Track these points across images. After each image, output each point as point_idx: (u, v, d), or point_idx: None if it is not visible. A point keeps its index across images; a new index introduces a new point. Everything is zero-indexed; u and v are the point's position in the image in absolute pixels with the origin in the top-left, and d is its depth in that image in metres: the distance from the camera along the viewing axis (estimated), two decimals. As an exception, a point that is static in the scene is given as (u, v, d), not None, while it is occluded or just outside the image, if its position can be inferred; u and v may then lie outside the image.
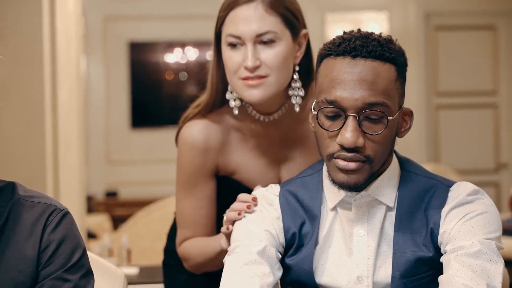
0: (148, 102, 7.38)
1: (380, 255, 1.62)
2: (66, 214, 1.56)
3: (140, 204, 6.31)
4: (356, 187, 1.59)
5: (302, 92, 1.93)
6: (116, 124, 7.26)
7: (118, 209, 6.89)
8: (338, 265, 1.64)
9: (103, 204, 6.98)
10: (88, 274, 1.55)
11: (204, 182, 1.98)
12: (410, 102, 6.78)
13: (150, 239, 4.86)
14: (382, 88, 1.55)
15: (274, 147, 2.00)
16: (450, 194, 1.63)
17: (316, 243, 1.66)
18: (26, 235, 1.52)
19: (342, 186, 1.59)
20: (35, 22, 3.23)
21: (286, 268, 1.67)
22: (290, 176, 1.86)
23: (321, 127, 1.59)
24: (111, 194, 7.16)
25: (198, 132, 1.97)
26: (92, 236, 5.35)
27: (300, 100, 1.93)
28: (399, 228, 1.61)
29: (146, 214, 5.08)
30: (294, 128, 2.00)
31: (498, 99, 7.12)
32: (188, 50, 7.29)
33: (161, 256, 2.23)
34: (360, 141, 1.55)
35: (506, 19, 7.10)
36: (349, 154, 1.56)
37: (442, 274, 1.53)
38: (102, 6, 7.20)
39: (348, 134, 1.54)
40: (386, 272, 1.60)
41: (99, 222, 5.88)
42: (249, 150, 2.00)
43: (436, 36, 7.08)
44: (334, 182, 1.61)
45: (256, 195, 1.74)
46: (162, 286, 2.23)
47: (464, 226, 1.56)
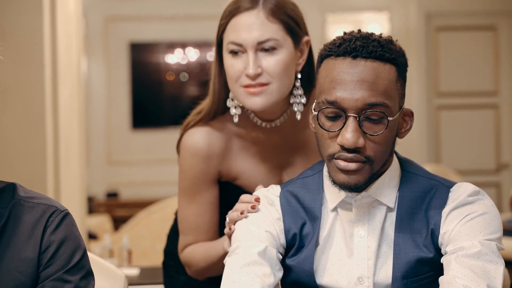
0: (148, 102, 7.37)
1: (381, 256, 1.62)
2: (66, 215, 1.56)
3: (141, 204, 6.31)
4: (356, 188, 1.59)
5: (304, 99, 1.93)
6: (116, 124, 7.26)
7: (118, 209, 6.89)
8: (339, 265, 1.64)
9: (104, 204, 6.98)
10: (89, 275, 1.55)
11: (207, 189, 1.98)
12: (411, 103, 6.78)
13: (151, 239, 4.85)
14: (383, 88, 1.55)
15: (276, 153, 2.00)
16: (450, 195, 1.63)
17: (316, 243, 1.66)
18: (27, 236, 1.52)
19: (342, 186, 1.59)
20: (36, 23, 3.23)
21: (287, 268, 1.67)
22: None
23: (321, 127, 1.59)
24: (111, 195, 7.16)
25: (200, 139, 1.96)
26: (92, 237, 5.35)
27: (302, 108, 1.93)
28: (399, 228, 1.61)
29: (147, 215, 5.08)
30: (296, 134, 2.00)
31: (499, 100, 7.12)
32: (189, 50, 7.29)
33: (161, 257, 2.23)
34: (361, 141, 1.55)
35: (506, 19, 7.10)
36: (349, 155, 1.56)
37: (443, 275, 1.54)
38: (102, 6, 7.20)
39: (349, 134, 1.54)
40: (386, 273, 1.60)
41: (99, 222, 5.88)
42: (251, 156, 2.00)
43: (437, 36, 7.08)
44: (334, 182, 1.61)
45: (257, 195, 1.74)
46: (163, 287, 2.23)
47: (464, 227, 1.56)
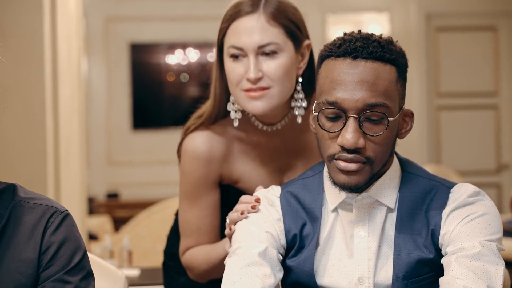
0: (149, 103, 7.37)
1: (381, 257, 1.62)
2: (66, 216, 1.56)
3: (142, 205, 6.30)
4: (356, 188, 1.59)
5: (305, 103, 1.93)
6: (117, 125, 7.26)
7: (119, 210, 6.89)
8: (339, 266, 1.64)
9: (104, 205, 6.98)
10: (89, 276, 1.55)
11: (208, 192, 1.98)
12: (411, 103, 6.78)
13: (152, 240, 4.85)
14: (383, 89, 1.55)
15: (276, 156, 2.00)
16: (451, 195, 1.63)
17: (317, 244, 1.66)
18: (27, 237, 1.52)
19: (342, 187, 1.59)
20: (36, 23, 3.23)
21: (287, 269, 1.67)
22: None
23: (321, 128, 1.59)
24: (112, 196, 7.16)
25: (201, 143, 1.96)
26: (93, 237, 5.35)
27: (302, 112, 1.93)
28: (400, 229, 1.61)
29: (147, 215, 5.07)
30: (297, 138, 2.00)
31: (499, 100, 7.11)
32: (189, 51, 7.29)
33: (162, 258, 2.23)
34: (361, 142, 1.55)
35: (507, 20, 7.09)
36: (349, 155, 1.56)
37: (443, 276, 1.54)
38: (103, 7, 7.20)
39: (349, 135, 1.54)
40: (387, 274, 1.60)
41: (100, 223, 5.88)
42: (252, 160, 1.99)
43: (437, 37, 7.08)
44: (334, 183, 1.61)
45: (258, 196, 1.74)
46: (163, 288, 2.23)
47: (465, 228, 1.56)
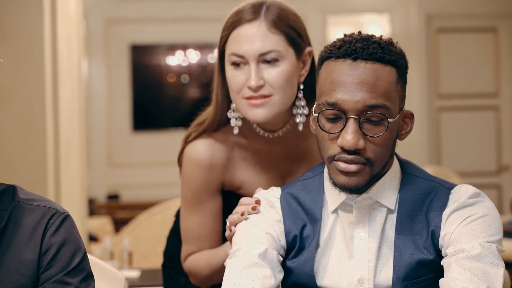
0: (149, 104, 7.37)
1: (381, 258, 1.62)
2: (66, 217, 1.56)
3: (142, 206, 6.31)
4: (357, 190, 1.59)
5: (307, 110, 1.92)
6: (117, 126, 7.26)
7: (119, 211, 6.89)
8: (339, 267, 1.63)
9: (105, 206, 6.98)
10: (89, 277, 1.55)
11: (210, 199, 1.98)
12: (412, 104, 6.78)
13: (152, 241, 4.85)
14: (383, 90, 1.55)
15: (278, 162, 2.00)
16: (451, 196, 1.63)
17: (317, 245, 1.66)
18: (27, 239, 1.52)
19: (343, 188, 1.59)
20: (36, 25, 3.23)
21: (287, 270, 1.67)
22: None
23: (322, 129, 1.59)
24: (112, 197, 7.16)
25: (203, 150, 1.96)
26: (93, 239, 5.35)
27: (304, 119, 1.92)
28: (400, 230, 1.61)
29: (147, 216, 5.07)
30: (299, 144, 2.00)
31: (499, 101, 7.12)
32: (190, 52, 7.29)
33: (162, 259, 2.23)
34: (361, 143, 1.55)
35: (507, 21, 7.10)
36: (349, 156, 1.56)
37: (443, 277, 1.54)
38: (103, 8, 7.20)
39: (349, 136, 1.54)
40: (387, 275, 1.60)
41: (100, 225, 5.88)
42: (253, 166, 1.99)
43: (438, 38, 7.08)
44: (335, 184, 1.61)
45: (258, 197, 1.74)
46: (163, 289, 2.23)
47: (465, 229, 1.56)
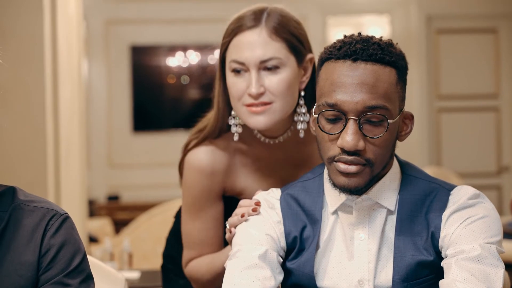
0: (150, 105, 7.37)
1: (381, 259, 1.62)
2: (66, 218, 1.56)
3: (142, 207, 6.30)
4: (356, 191, 1.59)
5: (308, 117, 1.92)
6: (118, 127, 7.26)
7: (119, 212, 6.88)
8: (339, 268, 1.63)
9: (105, 208, 6.98)
10: (88, 278, 1.55)
11: (211, 205, 1.98)
12: (412, 105, 6.78)
13: (152, 243, 4.85)
14: (383, 91, 1.55)
15: (279, 168, 2.00)
16: (451, 198, 1.63)
17: (317, 247, 1.66)
18: (27, 240, 1.52)
19: (342, 189, 1.59)
20: (36, 26, 3.22)
21: (287, 272, 1.67)
22: None
23: (321, 130, 1.59)
24: (112, 198, 7.16)
25: (204, 156, 1.95)
26: (93, 240, 5.35)
27: (305, 126, 1.92)
28: (400, 231, 1.61)
29: (148, 218, 5.07)
30: (300, 150, 2.00)
31: (499, 102, 7.11)
32: (190, 53, 7.29)
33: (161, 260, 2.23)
34: (361, 144, 1.55)
35: (507, 22, 7.10)
36: (349, 157, 1.56)
37: (443, 278, 1.53)
38: (103, 9, 7.20)
39: (349, 137, 1.54)
40: (387, 276, 1.60)
41: (100, 226, 5.88)
42: (254, 172, 1.99)
43: (438, 39, 7.08)
44: (335, 185, 1.61)
45: (258, 199, 1.74)
46: (162, 290, 2.23)
47: (465, 230, 1.56)
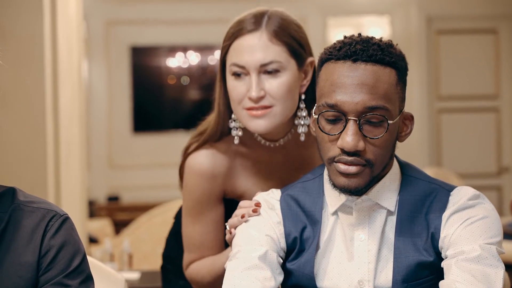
0: (150, 106, 7.38)
1: (381, 260, 1.62)
2: (66, 219, 1.56)
3: (142, 208, 6.30)
4: (356, 191, 1.59)
5: (308, 120, 1.91)
6: (118, 128, 7.26)
7: (119, 213, 6.88)
8: (339, 269, 1.63)
9: (105, 208, 6.98)
10: (88, 279, 1.54)
11: (212, 208, 1.98)
12: (412, 106, 6.78)
13: (152, 243, 4.84)
14: (383, 92, 1.55)
15: (279, 171, 2.00)
16: (450, 198, 1.63)
17: (317, 247, 1.66)
18: (26, 241, 1.52)
19: (343, 190, 1.59)
20: (36, 27, 3.22)
21: (287, 272, 1.67)
22: None
23: (321, 131, 1.59)
24: (113, 199, 7.16)
25: (204, 160, 1.95)
26: (93, 240, 5.34)
27: (306, 129, 1.92)
28: (400, 232, 1.61)
29: (148, 218, 5.07)
30: (300, 152, 1.99)
31: (500, 103, 7.11)
32: (190, 54, 7.29)
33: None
34: (361, 144, 1.55)
35: (507, 23, 7.10)
36: (349, 158, 1.56)
37: (443, 279, 1.53)
38: (103, 10, 7.20)
39: (349, 137, 1.54)
40: (387, 277, 1.60)
41: (101, 226, 5.88)
42: (255, 175, 1.99)
43: (438, 40, 7.08)
44: (335, 186, 1.61)
45: (258, 199, 1.74)
46: (162, 291, 2.23)
47: (465, 231, 1.56)
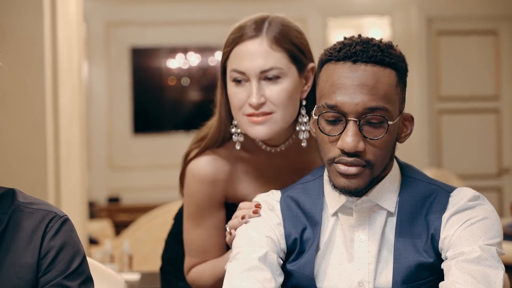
0: (150, 107, 7.37)
1: (381, 261, 1.62)
2: (65, 220, 1.56)
3: (142, 209, 6.30)
4: (356, 192, 1.59)
5: (309, 126, 1.91)
6: (118, 129, 7.26)
7: (120, 214, 6.88)
8: (339, 270, 1.63)
9: (105, 209, 6.98)
10: (88, 280, 1.55)
11: (213, 213, 1.97)
12: (412, 107, 6.78)
13: (152, 244, 4.84)
14: (383, 93, 1.55)
15: (281, 176, 1.99)
16: (450, 199, 1.62)
17: (317, 248, 1.66)
18: (26, 242, 1.52)
19: (343, 191, 1.59)
20: (36, 28, 3.22)
21: (288, 273, 1.67)
22: None
23: (321, 132, 1.59)
24: (113, 200, 7.16)
25: (205, 166, 1.95)
26: (93, 242, 5.34)
27: (307, 135, 1.92)
28: (400, 233, 1.61)
29: (148, 219, 5.07)
30: (301, 157, 1.99)
31: (500, 104, 7.11)
32: (190, 55, 7.29)
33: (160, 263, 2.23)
34: (361, 145, 1.55)
35: (508, 24, 7.10)
36: (349, 159, 1.56)
37: (443, 280, 1.53)
38: (104, 11, 7.21)
39: (349, 138, 1.54)
40: (387, 278, 1.60)
41: (101, 228, 5.87)
42: (256, 180, 1.99)
43: (438, 41, 7.08)
44: (335, 187, 1.61)
45: (258, 201, 1.74)
46: (162, 292, 2.22)
47: (464, 232, 1.56)
